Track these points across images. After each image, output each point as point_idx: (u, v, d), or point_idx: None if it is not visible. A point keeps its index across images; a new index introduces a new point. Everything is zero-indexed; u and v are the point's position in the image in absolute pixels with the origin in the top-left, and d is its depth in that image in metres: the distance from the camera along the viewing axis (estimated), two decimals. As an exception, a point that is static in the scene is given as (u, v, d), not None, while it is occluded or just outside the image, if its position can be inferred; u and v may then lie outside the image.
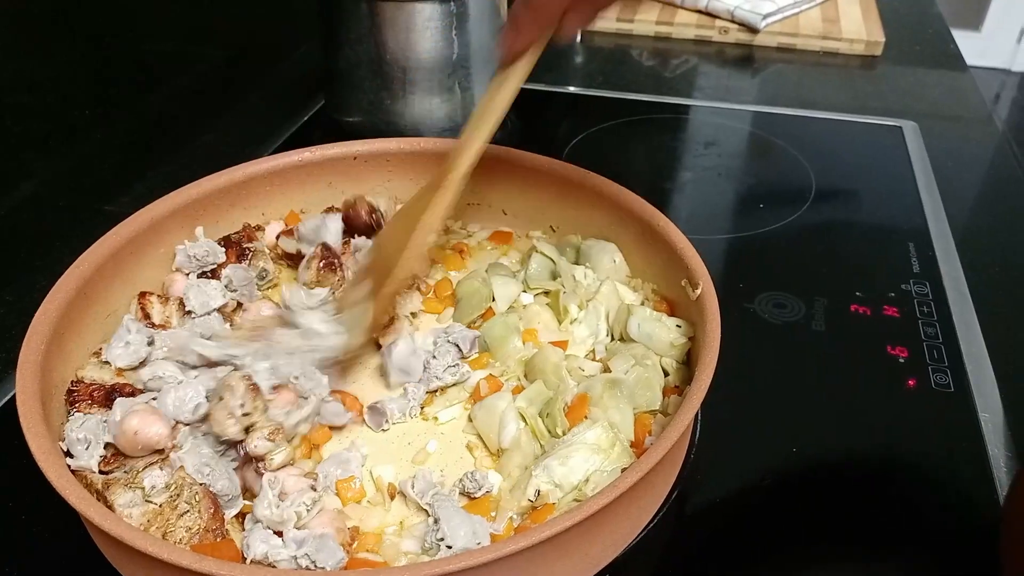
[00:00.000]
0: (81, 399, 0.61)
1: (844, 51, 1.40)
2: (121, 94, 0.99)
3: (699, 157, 1.11)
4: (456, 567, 0.45)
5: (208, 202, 0.79)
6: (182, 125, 1.12)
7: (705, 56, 1.41)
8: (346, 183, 0.86)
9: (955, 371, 0.73)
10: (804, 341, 0.77)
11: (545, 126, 1.20)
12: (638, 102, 1.23)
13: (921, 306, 0.81)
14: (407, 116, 1.02)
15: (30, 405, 0.54)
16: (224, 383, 0.58)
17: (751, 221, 0.95)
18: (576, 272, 0.77)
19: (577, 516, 0.48)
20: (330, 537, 0.52)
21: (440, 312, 0.77)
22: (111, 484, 0.54)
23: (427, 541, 0.54)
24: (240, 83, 1.24)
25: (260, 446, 0.57)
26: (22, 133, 0.86)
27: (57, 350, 0.62)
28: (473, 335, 0.71)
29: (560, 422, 0.62)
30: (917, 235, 0.92)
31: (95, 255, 0.69)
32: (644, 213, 0.75)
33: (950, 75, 1.36)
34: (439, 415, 0.67)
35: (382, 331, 0.71)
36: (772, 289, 0.83)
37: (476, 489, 0.58)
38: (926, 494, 0.64)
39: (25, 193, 0.87)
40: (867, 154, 1.11)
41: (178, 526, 0.51)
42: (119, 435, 0.57)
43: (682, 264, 0.69)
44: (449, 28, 0.96)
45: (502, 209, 0.87)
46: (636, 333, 0.69)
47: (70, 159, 0.93)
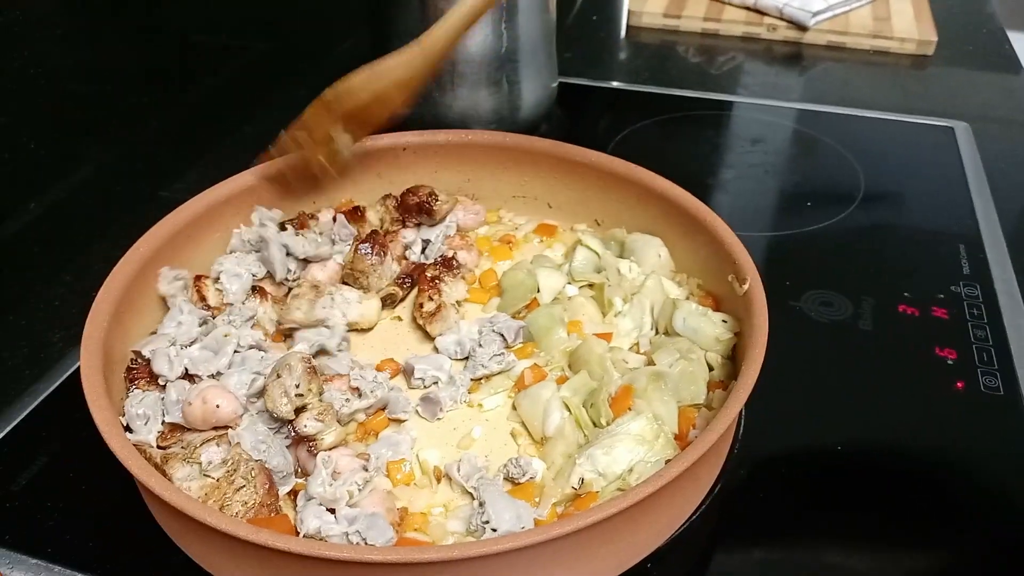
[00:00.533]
0: (140, 376, 0.63)
1: (895, 50, 1.38)
2: (173, 84, 1.02)
3: (745, 154, 1.10)
4: (505, 547, 0.46)
5: (261, 189, 0.81)
6: (231, 115, 1.14)
7: (752, 53, 1.40)
8: (395, 173, 0.88)
9: (1005, 374, 0.72)
10: (851, 340, 0.77)
11: (589, 121, 1.20)
12: (683, 98, 1.23)
13: (971, 308, 0.80)
14: (455, 108, 1.03)
15: (94, 379, 0.56)
16: (283, 362, 0.59)
17: (798, 219, 0.95)
18: (621, 265, 0.77)
19: (623, 503, 0.48)
20: (380, 516, 0.53)
21: (485, 302, 0.78)
22: (170, 458, 0.56)
23: (472, 523, 0.55)
24: (288, 75, 1.26)
25: (309, 426, 0.59)
26: (80, 120, 0.88)
27: (118, 327, 0.64)
28: (518, 325, 0.72)
29: (604, 412, 0.63)
30: (968, 237, 0.91)
31: (154, 237, 0.71)
32: (690, 207, 0.75)
33: (1004, 76, 1.33)
34: (484, 402, 0.68)
35: (430, 319, 0.73)
36: (819, 287, 0.83)
37: (520, 475, 0.59)
38: (973, 497, 0.63)
39: (83, 178, 0.89)
40: (918, 155, 1.09)
41: (235, 500, 0.53)
42: (191, 409, 0.59)
43: (729, 259, 0.69)
44: (499, 21, 0.97)
45: (547, 202, 0.88)
46: (681, 327, 0.70)
47: (125, 146, 0.95)
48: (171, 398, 0.61)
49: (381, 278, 0.77)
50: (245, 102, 1.16)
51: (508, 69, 1.01)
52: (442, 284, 0.76)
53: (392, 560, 0.45)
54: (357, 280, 0.77)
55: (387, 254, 0.79)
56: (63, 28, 0.84)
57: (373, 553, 0.46)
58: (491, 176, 0.88)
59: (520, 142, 0.86)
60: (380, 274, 0.77)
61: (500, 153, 0.87)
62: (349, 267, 0.77)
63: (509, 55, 1.00)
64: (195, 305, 0.71)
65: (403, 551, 0.47)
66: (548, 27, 1.04)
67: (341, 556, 0.46)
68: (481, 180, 0.89)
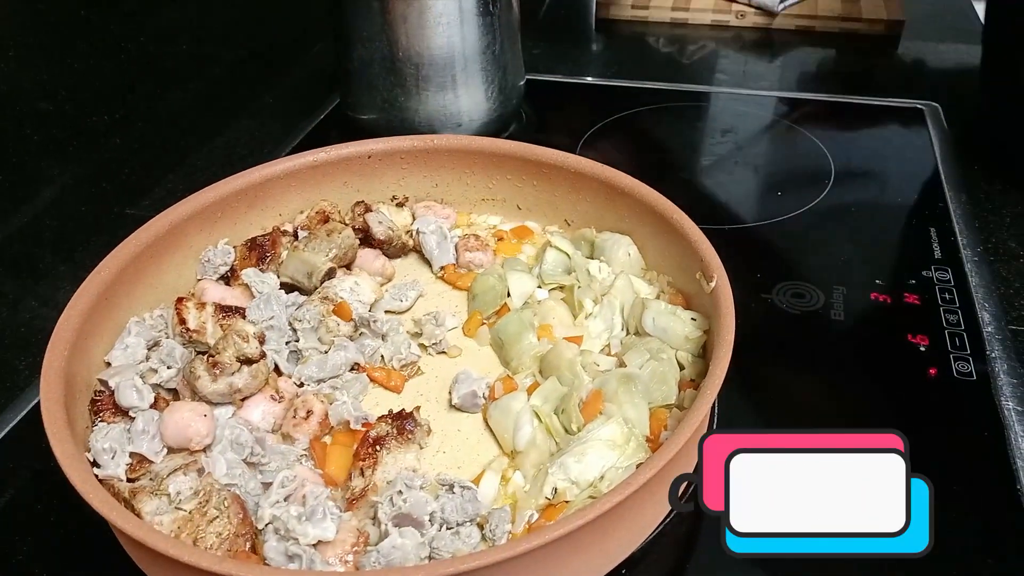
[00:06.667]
0: (105, 408, 0.62)
1: (864, 31, 1.38)
2: (138, 99, 1.00)
3: (716, 144, 1.10)
4: (471, 566, 0.45)
5: (225, 204, 0.80)
6: (199, 127, 1.13)
7: (722, 41, 1.39)
8: (361, 182, 0.87)
9: (977, 360, 0.72)
10: (823, 331, 0.77)
11: (559, 119, 1.19)
12: (655, 90, 1.22)
13: (943, 293, 0.80)
14: (421, 112, 1.02)
15: (54, 412, 0.55)
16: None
17: (769, 209, 0.95)
18: (591, 266, 0.77)
19: (590, 514, 0.48)
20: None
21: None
22: (137, 492, 0.55)
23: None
24: (255, 84, 1.25)
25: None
26: (42, 140, 0.87)
27: (81, 355, 0.63)
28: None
29: (575, 418, 0.63)
30: (939, 220, 0.91)
31: (116, 260, 0.70)
32: (657, 205, 0.74)
33: (973, 51, 1.33)
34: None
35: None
36: (790, 279, 0.83)
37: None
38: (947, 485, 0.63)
39: (46, 199, 0.88)
40: (888, 138, 1.09)
41: (208, 532, 0.52)
42: (167, 425, 0.59)
43: (696, 256, 0.69)
44: (460, 22, 0.96)
45: (516, 204, 0.87)
46: (651, 327, 0.69)
47: (90, 164, 0.94)
48: (138, 428, 0.60)
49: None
50: (213, 114, 1.15)
51: (472, 70, 1.01)
52: (384, 452, 0.60)
53: (358, 585, 0.45)
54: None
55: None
56: (18, 48, 0.83)
57: (339, 578, 0.46)
58: (458, 180, 0.88)
59: (485, 145, 0.85)
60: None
61: (466, 157, 0.86)
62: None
63: (473, 55, 1.00)
64: (175, 329, 0.69)
65: (368, 574, 0.47)
66: (512, 25, 1.04)
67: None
68: (449, 185, 0.88)
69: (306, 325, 0.71)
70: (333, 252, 0.77)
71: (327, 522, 0.52)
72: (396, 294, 0.78)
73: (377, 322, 0.72)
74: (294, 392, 0.67)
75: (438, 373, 0.72)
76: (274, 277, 0.77)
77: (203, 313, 0.71)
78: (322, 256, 0.77)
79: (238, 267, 0.78)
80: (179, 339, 0.68)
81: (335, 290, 0.74)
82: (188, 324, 0.69)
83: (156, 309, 0.73)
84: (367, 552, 0.52)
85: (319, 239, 0.78)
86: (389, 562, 0.51)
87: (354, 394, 0.67)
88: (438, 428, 0.66)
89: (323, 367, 0.68)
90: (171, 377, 0.65)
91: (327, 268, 0.76)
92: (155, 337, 0.69)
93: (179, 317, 0.70)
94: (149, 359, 0.67)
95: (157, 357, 0.66)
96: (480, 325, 0.75)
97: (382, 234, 0.82)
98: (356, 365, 0.70)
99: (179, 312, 0.70)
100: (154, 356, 0.66)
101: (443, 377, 0.71)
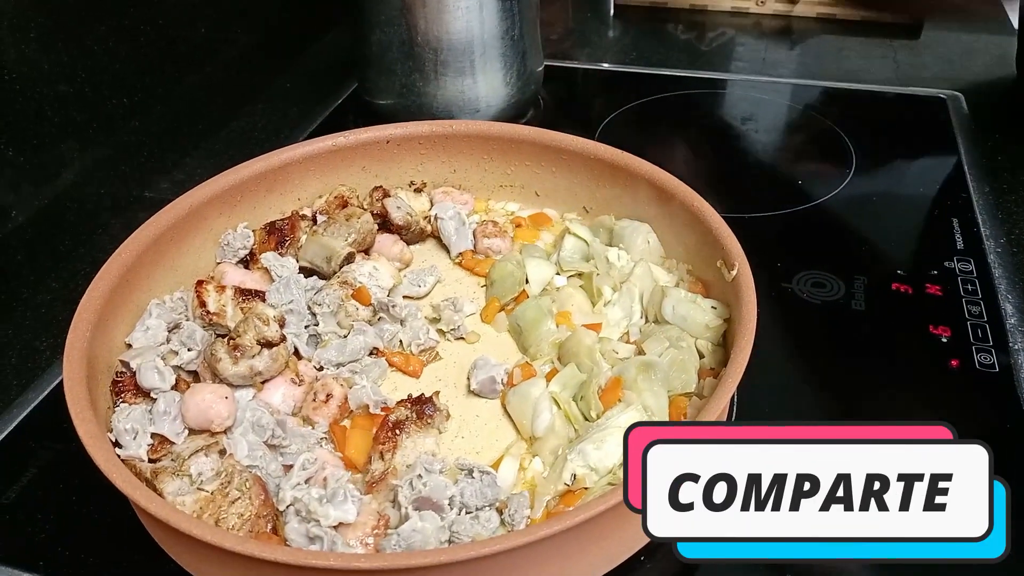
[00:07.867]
0: (126, 389, 0.62)
1: (887, 20, 1.36)
2: (156, 82, 1.01)
3: (736, 132, 1.09)
4: (492, 550, 0.45)
5: (245, 188, 0.80)
6: (217, 111, 1.13)
7: (742, 28, 1.38)
8: (379, 167, 0.87)
9: (1000, 351, 0.72)
10: (844, 321, 0.76)
11: (578, 105, 1.19)
12: (673, 77, 1.21)
13: (965, 284, 0.79)
14: (439, 98, 1.01)
15: (77, 392, 0.56)
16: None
17: (789, 198, 0.94)
18: (609, 253, 0.77)
19: (611, 500, 0.48)
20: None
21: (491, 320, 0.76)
22: (159, 472, 0.55)
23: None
24: (272, 68, 1.25)
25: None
26: (62, 123, 0.87)
27: (102, 337, 0.64)
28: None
29: (594, 405, 0.62)
30: (961, 210, 0.90)
31: (136, 242, 0.70)
32: (678, 192, 0.74)
33: (997, 40, 1.31)
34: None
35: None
36: (811, 268, 0.82)
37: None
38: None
39: (66, 182, 0.89)
40: (910, 127, 1.08)
41: (230, 513, 0.53)
42: (189, 407, 0.59)
43: (717, 245, 0.68)
44: (479, 8, 0.96)
45: (535, 191, 0.87)
46: (670, 315, 0.69)
47: (109, 147, 0.94)
48: (159, 409, 0.60)
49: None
50: (230, 98, 1.15)
51: (491, 55, 1.00)
52: (404, 436, 0.60)
53: (378, 567, 0.45)
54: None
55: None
56: (38, 31, 0.83)
57: (359, 560, 0.46)
58: (477, 166, 0.87)
59: (504, 130, 0.85)
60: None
61: (485, 142, 0.86)
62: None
63: (492, 40, 0.99)
64: (195, 312, 0.70)
65: (388, 557, 0.47)
66: (531, 11, 1.03)
67: (328, 564, 0.45)
68: (467, 170, 0.88)
69: (325, 309, 0.71)
70: (352, 237, 0.77)
71: (348, 504, 0.52)
72: (414, 279, 0.78)
73: (396, 307, 0.72)
74: (314, 376, 0.67)
75: (456, 359, 0.72)
76: (293, 261, 0.77)
77: (223, 296, 0.71)
78: (341, 241, 0.77)
79: (257, 251, 0.78)
80: (199, 322, 0.69)
81: (354, 275, 0.74)
82: (208, 307, 0.69)
83: (176, 292, 0.73)
84: (388, 535, 0.53)
85: (338, 224, 0.78)
86: (410, 545, 0.51)
87: (373, 378, 0.67)
88: (456, 413, 0.66)
89: (342, 351, 0.69)
90: (192, 359, 0.66)
91: (346, 253, 0.76)
92: (175, 319, 0.69)
93: (199, 300, 0.70)
94: (170, 341, 0.67)
95: (178, 339, 0.66)
96: (498, 311, 0.75)
97: (400, 219, 0.82)
98: (375, 350, 0.70)
99: (199, 295, 0.70)
100: (175, 338, 0.67)
101: (461, 363, 0.71)
